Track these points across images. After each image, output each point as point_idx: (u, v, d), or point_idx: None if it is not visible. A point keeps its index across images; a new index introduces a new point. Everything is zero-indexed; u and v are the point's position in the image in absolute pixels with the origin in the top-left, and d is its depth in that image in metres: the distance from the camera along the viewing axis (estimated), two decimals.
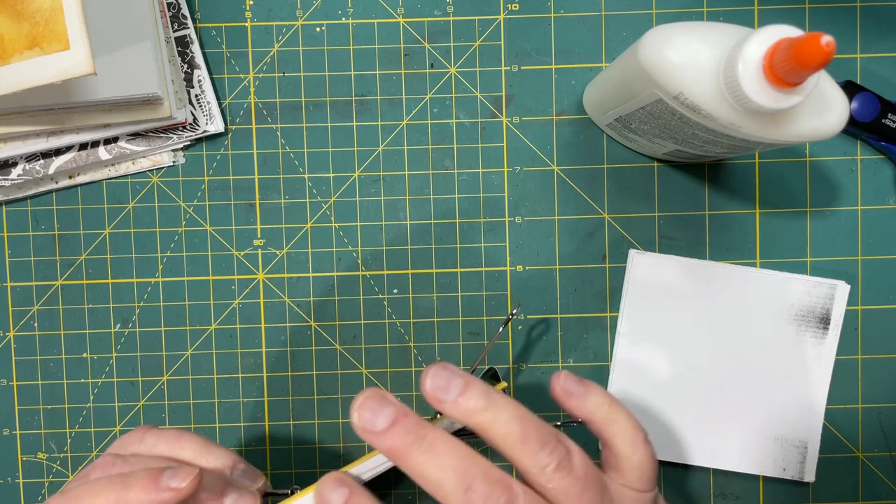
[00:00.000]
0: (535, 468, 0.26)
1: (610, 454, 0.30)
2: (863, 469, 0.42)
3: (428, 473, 0.25)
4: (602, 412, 0.29)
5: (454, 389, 0.26)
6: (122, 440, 0.31)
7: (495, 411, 0.26)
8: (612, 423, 0.29)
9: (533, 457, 0.26)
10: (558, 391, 0.30)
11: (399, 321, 0.42)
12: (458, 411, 0.26)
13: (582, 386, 0.30)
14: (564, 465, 0.26)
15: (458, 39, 0.42)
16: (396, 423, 0.25)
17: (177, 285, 0.42)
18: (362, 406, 0.25)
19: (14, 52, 0.31)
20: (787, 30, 0.26)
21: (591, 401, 0.30)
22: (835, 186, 0.42)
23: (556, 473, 0.25)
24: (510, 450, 0.26)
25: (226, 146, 0.42)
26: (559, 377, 0.30)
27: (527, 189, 0.42)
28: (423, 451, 0.25)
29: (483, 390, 0.26)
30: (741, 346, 0.41)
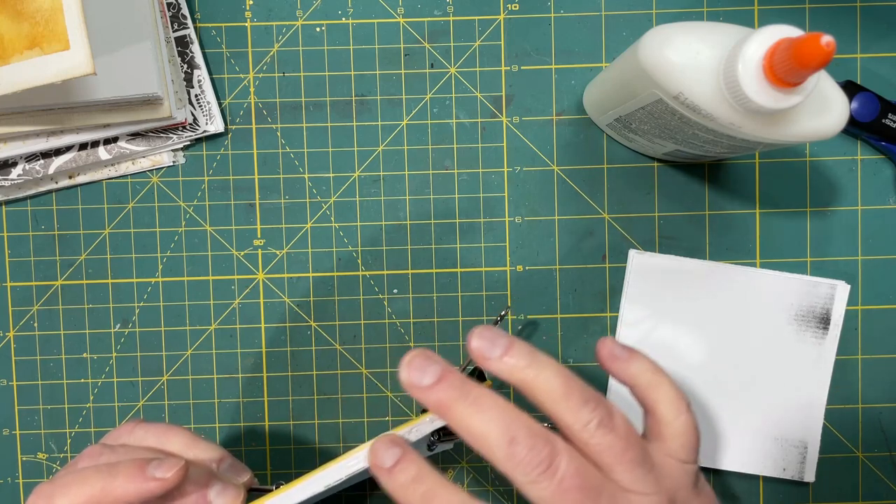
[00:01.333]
0: (578, 424, 0.26)
1: (653, 421, 0.30)
2: (863, 469, 0.42)
3: (473, 426, 0.25)
4: (646, 377, 0.30)
5: (499, 347, 0.26)
6: (113, 433, 0.32)
7: (538, 368, 0.26)
8: (655, 388, 0.29)
9: (575, 413, 0.26)
10: (605, 354, 0.30)
11: (399, 321, 0.42)
12: (503, 367, 0.26)
13: (627, 351, 0.30)
14: (606, 422, 0.26)
15: (458, 39, 0.42)
16: (443, 379, 0.26)
17: (177, 285, 0.42)
18: (410, 364, 0.26)
19: (14, 52, 0.31)
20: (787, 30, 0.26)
21: (635, 365, 0.30)
22: (835, 186, 0.42)
23: (598, 430, 0.26)
24: (553, 405, 0.26)
25: (226, 146, 0.42)
26: (605, 342, 0.30)
27: (527, 189, 0.42)
28: (468, 404, 0.25)
29: (526, 348, 0.27)
30: (741, 346, 0.41)
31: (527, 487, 0.25)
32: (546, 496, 0.25)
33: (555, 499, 0.25)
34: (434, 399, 0.26)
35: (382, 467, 0.26)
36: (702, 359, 0.41)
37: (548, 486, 0.25)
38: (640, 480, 0.26)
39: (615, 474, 0.26)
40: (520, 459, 0.25)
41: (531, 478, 0.25)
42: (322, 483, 0.30)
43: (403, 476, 0.26)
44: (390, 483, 0.26)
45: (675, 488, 0.28)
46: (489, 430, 0.25)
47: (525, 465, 0.25)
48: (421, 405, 0.26)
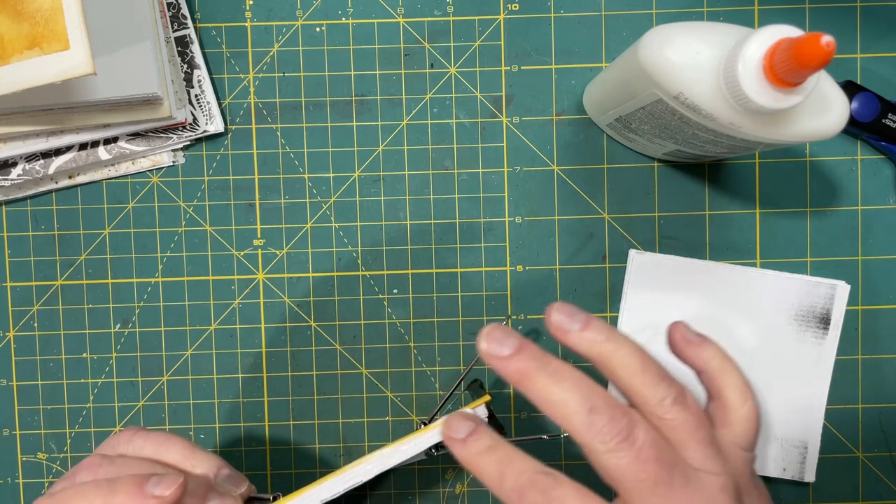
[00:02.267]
0: (654, 399, 0.26)
1: (719, 407, 0.30)
2: (863, 469, 0.42)
3: (552, 394, 0.26)
4: (716, 362, 0.30)
5: (578, 322, 0.27)
6: (111, 441, 0.32)
7: (617, 343, 0.27)
8: (724, 373, 0.30)
9: (653, 388, 0.27)
10: (678, 338, 0.31)
11: (399, 321, 0.42)
12: (582, 341, 0.27)
13: (699, 336, 0.31)
14: (681, 399, 0.27)
15: (458, 39, 0.42)
16: (522, 349, 0.26)
17: (177, 285, 0.42)
18: (489, 335, 0.27)
19: (14, 52, 0.31)
20: (787, 30, 0.26)
21: (708, 350, 0.30)
22: (835, 186, 0.42)
23: (674, 406, 0.26)
24: (630, 379, 0.27)
25: (226, 146, 0.42)
26: (678, 326, 0.31)
27: (527, 189, 0.42)
28: (548, 374, 0.26)
29: (604, 324, 0.27)
30: (741, 346, 0.41)
31: (604, 457, 0.25)
32: (623, 465, 0.25)
33: (632, 468, 0.25)
34: (514, 368, 0.26)
35: (457, 438, 0.27)
36: None
37: (626, 454, 0.25)
38: (710, 459, 0.27)
39: (686, 451, 0.26)
40: (599, 428, 0.25)
41: (610, 447, 0.25)
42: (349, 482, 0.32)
43: (478, 445, 0.27)
44: (465, 451, 0.27)
45: (738, 473, 0.28)
46: (569, 398, 0.26)
47: (604, 433, 0.25)
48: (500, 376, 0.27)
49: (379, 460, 0.32)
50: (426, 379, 0.42)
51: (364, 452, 0.42)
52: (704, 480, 0.26)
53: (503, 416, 0.42)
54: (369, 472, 0.32)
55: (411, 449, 0.32)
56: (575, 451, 0.42)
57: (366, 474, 0.32)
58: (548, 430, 0.42)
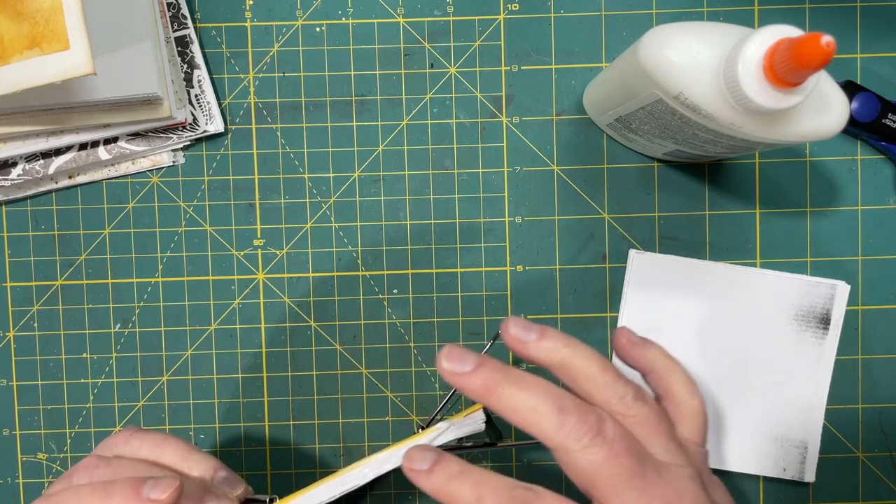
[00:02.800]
0: (616, 397, 0.27)
1: (669, 405, 0.31)
2: (863, 469, 0.42)
3: (520, 401, 0.26)
4: (662, 362, 0.32)
5: (534, 332, 0.28)
6: (108, 442, 0.32)
7: (574, 348, 0.28)
8: (670, 371, 0.31)
9: (613, 387, 0.27)
10: (623, 342, 0.32)
11: (399, 321, 0.42)
12: (541, 350, 0.27)
13: (642, 339, 0.32)
14: (641, 395, 0.28)
15: (458, 39, 0.42)
16: (484, 364, 0.27)
17: (177, 285, 0.42)
18: (449, 354, 0.27)
19: (14, 52, 0.31)
20: (787, 30, 0.26)
21: (652, 351, 0.32)
22: (835, 186, 0.42)
23: (635, 402, 0.27)
24: (590, 382, 0.27)
25: (226, 146, 0.42)
26: (622, 331, 0.33)
27: (527, 189, 0.42)
28: (511, 382, 0.26)
29: (560, 332, 0.28)
30: (741, 346, 0.41)
31: (578, 455, 0.25)
32: (598, 460, 0.25)
33: (607, 462, 0.25)
34: (479, 382, 0.26)
35: (420, 470, 0.26)
36: (702, 359, 0.41)
37: (600, 450, 0.25)
38: (673, 452, 0.27)
39: (650, 446, 0.27)
40: (570, 427, 0.25)
41: (584, 443, 0.25)
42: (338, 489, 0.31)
43: (446, 472, 0.26)
44: (433, 481, 0.26)
45: (701, 464, 0.29)
46: (536, 402, 0.26)
47: (576, 431, 0.25)
48: (465, 394, 0.27)
49: (376, 464, 0.32)
50: (426, 379, 0.42)
51: (364, 452, 0.42)
52: (673, 472, 0.27)
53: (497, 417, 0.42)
54: (366, 475, 0.32)
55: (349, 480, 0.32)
56: None
57: (363, 478, 0.32)
58: None
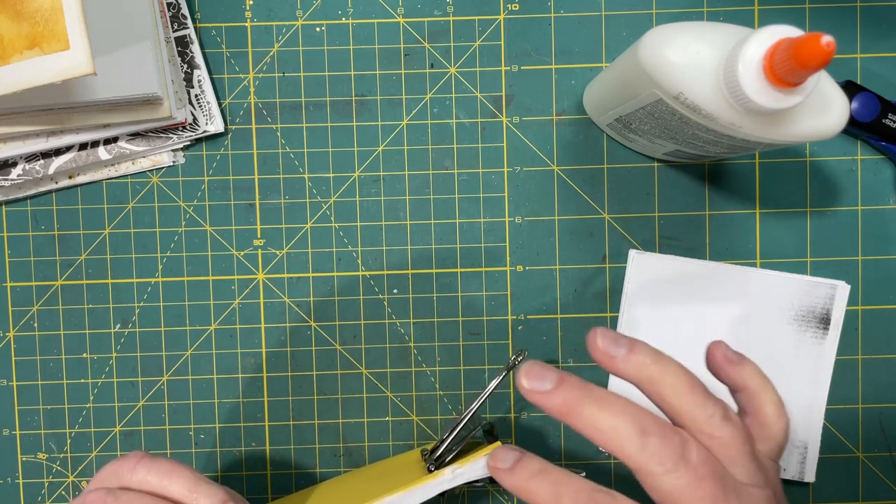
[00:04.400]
0: (703, 416, 0.26)
1: (756, 423, 0.30)
2: (863, 469, 0.42)
3: (602, 421, 0.25)
4: (756, 380, 0.31)
5: (623, 346, 0.27)
6: (113, 467, 0.31)
7: (663, 364, 0.27)
8: (764, 390, 0.31)
9: (702, 406, 0.27)
10: (719, 357, 0.31)
11: (399, 321, 0.42)
12: (629, 365, 0.27)
13: (739, 356, 0.31)
14: (728, 415, 0.27)
15: (458, 39, 0.42)
16: (564, 381, 0.26)
17: (177, 285, 0.42)
18: (529, 373, 0.26)
19: (14, 52, 0.31)
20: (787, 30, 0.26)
21: (748, 369, 0.31)
22: (835, 186, 0.42)
23: (723, 423, 0.27)
24: (679, 399, 0.27)
25: (226, 146, 0.42)
26: (719, 346, 0.31)
27: (527, 189, 0.42)
28: (593, 401, 0.26)
29: (649, 347, 0.27)
30: (741, 346, 0.41)
31: (662, 479, 0.25)
32: (682, 484, 0.25)
33: (691, 487, 0.25)
34: (559, 401, 0.26)
35: (504, 468, 0.27)
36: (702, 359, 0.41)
37: (684, 474, 0.25)
38: (755, 474, 0.27)
39: (734, 467, 0.27)
40: (654, 450, 0.25)
41: (667, 467, 0.25)
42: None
43: (527, 470, 0.27)
44: (515, 479, 0.27)
45: (775, 485, 0.28)
46: (619, 423, 0.25)
47: (660, 454, 0.25)
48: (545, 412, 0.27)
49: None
50: (426, 379, 0.42)
51: (364, 452, 0.42)
52: (753, 494, 0.26)
53: (503, 417, 0.42)
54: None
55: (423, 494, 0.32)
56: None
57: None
58: (550, 435, 0.42)
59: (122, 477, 0.31)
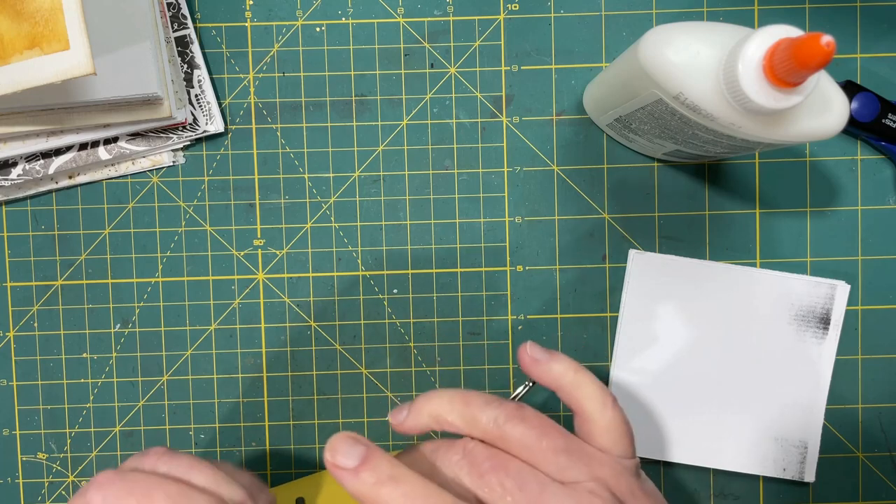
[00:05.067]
0: (486, 422, 0.27)
1: (582, 421, 0.30)
2: (863, 469, 0.42)
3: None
4: (569, 377, 0.30)
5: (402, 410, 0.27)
6: (135, 461, 0.31)
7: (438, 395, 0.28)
8: (579, 386, 0.30)
9: (480, 413, 0.27)
10: (526, 359, 0.31)
11: (399, 321, 0.42)
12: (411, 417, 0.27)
13: (547, 353, 0.30)
14: (515, 414, 0.27)
15: (458, 39, 0.42)
16: (369, 459, 0.25)
17: (177, 285, 0.42)
18: (335, 448, 0.25)
19: (14, 52, 0.31)
20: (787, 30, 0.26)
21: (556, 366, 0.30)
22: (835, 186, 0.42)
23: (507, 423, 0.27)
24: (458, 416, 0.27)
25: (226, 146, 0.42)
26: (525, 346, 0.31)
27: (527, 189, 0.42)
28: (392, 485, 0.24)
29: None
30: (741, 346, 0.41)
31: None
32: None
33: None
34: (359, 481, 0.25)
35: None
36: (702, 359, 0.41)
37: None
38: (566, 469, 0.26)
39: (541, 466, 0.26)
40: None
41: None
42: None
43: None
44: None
45: (613, 477, 0.27)
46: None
47: None
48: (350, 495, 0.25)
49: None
50: (426, 379, 0.42)
51: None
52: (570, 490, 0.25)
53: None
54: None
55: None
56: None
57: None
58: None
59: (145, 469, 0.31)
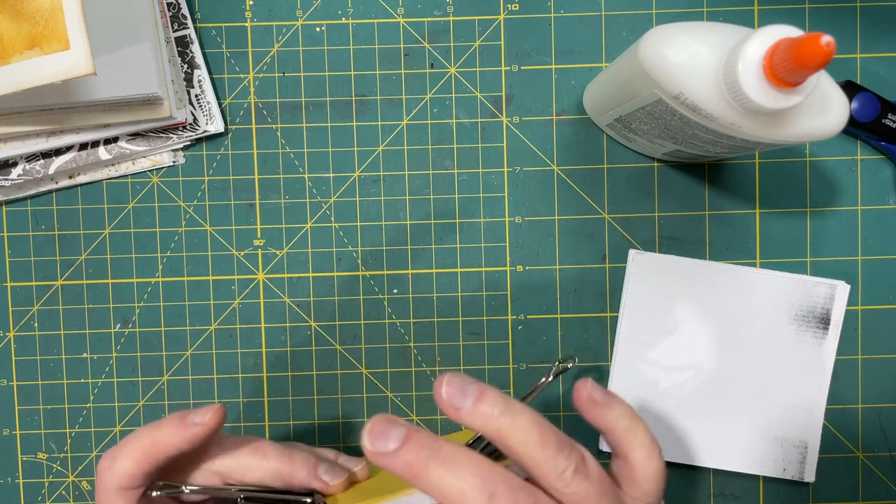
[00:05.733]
0: (554, 472, 0.25)
1: (625, 465, 0.30)
2: (863, 469, 0.42)
3: (448, 485, 0.24)
4: (624, 423, 0.30)
5: (471, 395, 0.25)
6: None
7: (513, 416, 0.25)
8: (632, 432, 0.29)
9: (552, 461, 0.25)
10: (584, 399, 0.30)
11: (399, 321, 0.42)
12: (476, 417, 0.25)
13: (607, 396, 0.30)
14: (581, 469, 0.26)
15: (458, 39, 0.42)
16: (409, 439, 0.24)
17: (177, 285, 0.42)
18: (372, 431, 0.25)
19: (14, 52, 0.31)
20: (787, 30, 0.26)
21: (615, 411, 0.30)
22: (835, 186, 0.42)
23: (574, 478, 0.26)
24: (529, 454, 0.25)
25: (226, 146, 0.42)
26: (586, 384, 0.30)
27: (527, 189, 0.42)
28: (439, 462, 0.24)
29: (500, 395, 0.26)
30: (741, 346, 0.41)
31: None
32: None
33: None
34: (403, 461, 0.24)
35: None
36: (702, 359, 0.41)
37: None
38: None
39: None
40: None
41: None
42: None
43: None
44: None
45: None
46: (467, 486, 0.24)
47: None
48: (392, 472, 0.24)
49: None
50: (426, 379, 0.42)
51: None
52: None
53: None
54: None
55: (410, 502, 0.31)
56: None
57: None
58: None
59: None
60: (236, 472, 0.32)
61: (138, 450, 0.30)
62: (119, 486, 0.30)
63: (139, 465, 0.29)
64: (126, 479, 0.30)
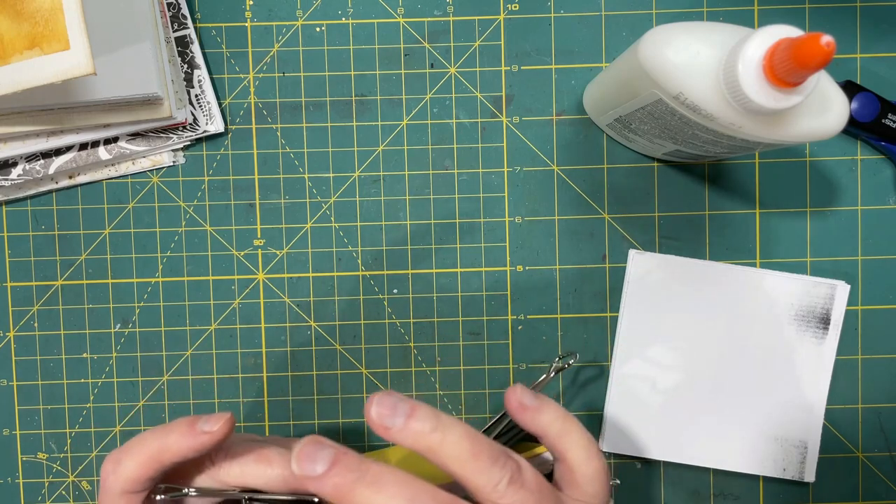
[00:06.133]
0: (489, 484, 0.25)
1: (564, 468, 0.30)
2: (863, 469, 0.42)
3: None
4: (557, 425, 0.30)
5: (401, 413, 0.25)
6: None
7: (444, 431, 0.25)
8: (566, 434, 0.30)
9: (486, 473, 0.25)
10: (514, 405, 0.30)
11: (399, 321, 0.42)
12: (407, 435, 0.25)
13: (537, 400, 0.30)
14: (517, 478, 0.26)
15: (458, 39, 0.42)
16: (337, 462, 0.25)
17: (177, 285, 0.42)
18: (301, 454, 0.25)
19: (14, 52, 0.31)
20: (787, 30, 0.26)
21: (546, 415, 0.30)
22: (835, 186, 0.42)
23: (509, 488, 0.25)
24: (462, 468, 0.25)
25: (226, 146, 0.42)
26: (515, 391, 0.30)
27: (527, 189, 0.42)
28: (366, 484, 0.24)
29: (431, 411, 0.26)
30: (741, 346, 0.41)
31: None
32: None
33: None
34: (330, 486, 0.24)
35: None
36: (702, 359, 0.41)
37: None
38: None
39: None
40: None
41: None
42: None
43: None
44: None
45: None
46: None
47: None
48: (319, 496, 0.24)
49: None
50: (426, 379, 0.42)
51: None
52: None
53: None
54: None
55: None
56: None
57: None
58: None
59: None
60: (240, 480, 0.32)
61: (144, 454, 0.29)
62: (123, 489, 0.29)
63: (144, 469, 0.29)
64: (130, 484, 0.29)
